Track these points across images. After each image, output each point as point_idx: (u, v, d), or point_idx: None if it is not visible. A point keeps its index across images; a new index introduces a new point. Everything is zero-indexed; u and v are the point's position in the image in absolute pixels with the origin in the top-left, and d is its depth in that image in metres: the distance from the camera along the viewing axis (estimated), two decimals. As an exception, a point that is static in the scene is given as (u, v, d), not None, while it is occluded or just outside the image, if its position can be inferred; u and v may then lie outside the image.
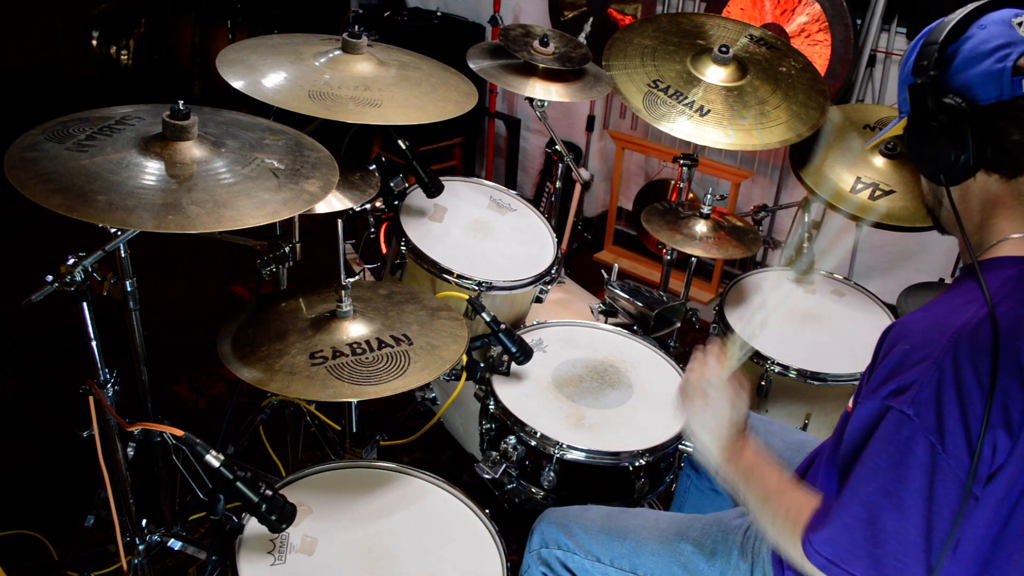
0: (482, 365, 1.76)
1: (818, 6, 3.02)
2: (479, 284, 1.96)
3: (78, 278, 1.30)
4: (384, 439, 1.79)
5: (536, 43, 2.23)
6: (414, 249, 1.99)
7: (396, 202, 2.03)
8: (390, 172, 1.96)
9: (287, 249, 1.68)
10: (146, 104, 1.44)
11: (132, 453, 1.48)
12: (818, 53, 3.06)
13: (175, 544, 1.63)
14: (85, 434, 1.39)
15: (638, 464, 1.63)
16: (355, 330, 1.48)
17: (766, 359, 1.98)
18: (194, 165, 1.28)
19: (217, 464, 1.21)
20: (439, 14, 3.98)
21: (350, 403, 1.68)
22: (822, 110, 2.24)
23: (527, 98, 2.25)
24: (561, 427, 1.67)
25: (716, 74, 2.26)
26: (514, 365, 1.78)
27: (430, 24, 3.93)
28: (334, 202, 1.75)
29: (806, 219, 2.33)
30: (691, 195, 2.63)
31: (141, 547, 1.61)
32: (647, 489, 1.69)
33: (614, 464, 1.63)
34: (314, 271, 2.24)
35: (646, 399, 1.80)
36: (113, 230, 1.32)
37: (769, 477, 1.14)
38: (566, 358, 1.89)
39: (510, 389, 1.76)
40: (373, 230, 2.12)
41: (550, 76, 2.25)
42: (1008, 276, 1.01)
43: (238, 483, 1.21)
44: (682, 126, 2.15)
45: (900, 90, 1.14)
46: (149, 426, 1.28)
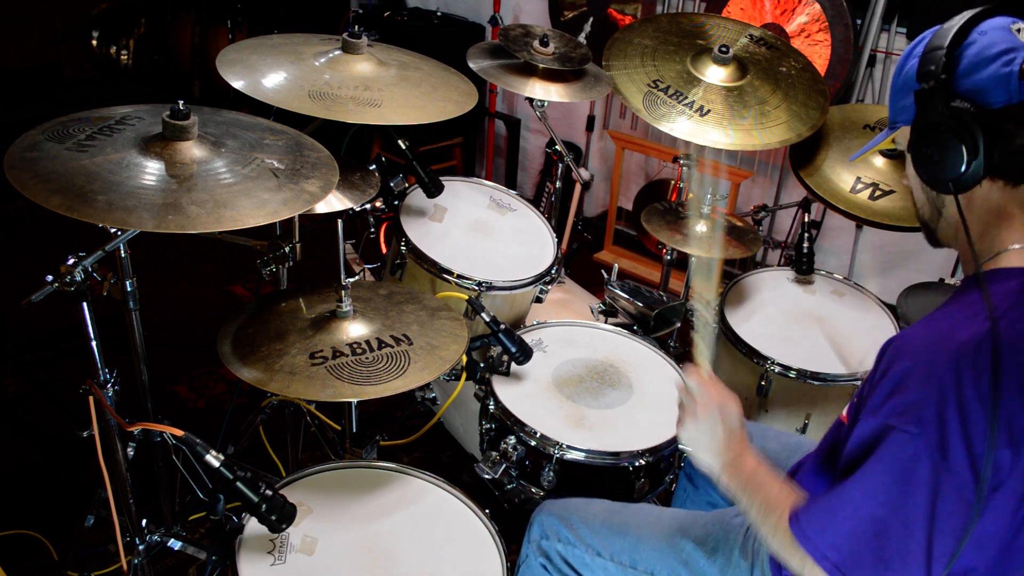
0: (482, 365, 1.76)
1: (818, 6, 3.02)
2: (479, 284, 1.96)
3: (78, 278, 1.30)
4: (384, 439, 1.79)
5: (536, 43, 2.23)
6: (414, 249, 1.99)
7: (396, 202, 2.03)
8: (390, 172, 1.96)
9: (287, 249, 1.68)
10: (146, 104, 1.44)
11: (132, 453, 1.49)
12: (818, 53, 3.06)
13: (175, 544, 1.63)
14: (85, 434, 1.39)
15: (638, 464, 1.63)
16: (355, 330, 1.48)
17: (766, 359, 1.98)
18: (194, 165, 1.28)
19: (217, 464, 1.21)
20: (439, 14, 3.98)
21: (350, 403, 1.68)
22: (822, 110, 2.24)
23: (527, 98, 2.25)
24: (561, 427, 1.67)
25: (716, 74, 2.26)
26: (514, 365, 1.78)
27: (430, 24, 3.93)
28: (334, 202, 1.75)
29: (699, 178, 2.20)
30: (690, 194, 2.63)
31: (141, 547, 1.62)
32: (647, 489, 1.69)
33: (614, 464, 1.63)
34: (314, 271, 2.24)
35: (646, 399, 1.80)
36: (113, 230, 1.32)
37: (770, 487, 1.14)
38: (566, 358, 1.89)
39: (510, 389, 1.76)
40: (373, 230, 2.12)
41: (550, 76, 2.24)
42: (1011, 288, 1.00)
43: (238, 483, 1.21)
44: (682, 126, 2.15)
45: (893, 101, 1.12)
46: (149, 426, 1.28)
